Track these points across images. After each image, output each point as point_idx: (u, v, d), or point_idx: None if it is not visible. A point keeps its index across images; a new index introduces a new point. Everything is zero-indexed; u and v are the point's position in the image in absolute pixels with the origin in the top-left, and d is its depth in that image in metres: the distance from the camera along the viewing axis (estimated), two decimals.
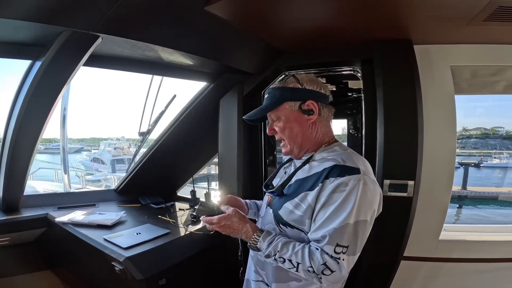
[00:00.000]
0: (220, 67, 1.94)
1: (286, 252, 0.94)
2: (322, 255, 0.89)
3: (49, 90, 1.53)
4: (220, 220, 1.06)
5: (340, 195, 0.90)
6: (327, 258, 0.89)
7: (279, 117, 1.08)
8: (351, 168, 0.94)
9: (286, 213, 1.02)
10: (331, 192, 0.92)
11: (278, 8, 1.33)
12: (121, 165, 17.02)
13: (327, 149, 1.06)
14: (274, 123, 1.11)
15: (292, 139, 1.08)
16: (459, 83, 1.76)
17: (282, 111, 1.07)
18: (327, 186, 0.93)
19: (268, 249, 0.97)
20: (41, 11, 1.09)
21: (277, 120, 1.09)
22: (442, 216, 1.85)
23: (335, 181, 0.92)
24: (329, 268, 0.88)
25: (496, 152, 15.42)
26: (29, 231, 1.98)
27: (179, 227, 1.97)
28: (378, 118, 1.65)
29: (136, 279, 1.45)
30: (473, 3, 1.22)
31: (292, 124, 1.07)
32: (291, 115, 1.07)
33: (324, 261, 0.88)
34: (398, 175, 1.61)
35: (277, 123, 1.09)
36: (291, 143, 1.08)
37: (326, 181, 0.94)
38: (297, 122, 1.06)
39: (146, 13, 1.22)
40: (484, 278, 1.95)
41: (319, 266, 0.89)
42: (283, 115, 1.07)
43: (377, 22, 1.46)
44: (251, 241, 1.01)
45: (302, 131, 1.07)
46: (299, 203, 0.99)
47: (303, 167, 1.07)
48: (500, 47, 1.65)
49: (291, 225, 1.01)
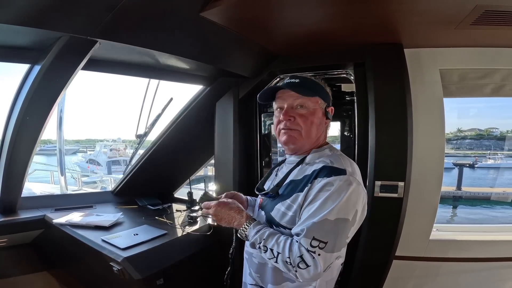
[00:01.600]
0: (216, 70, 1.97)
1: (270, 241, 0.96)
2: (299, 248, 0.91)
3: (47, 94, 1.55)
4: (217, 206, 1.09)
5: (325, 193, 0.94)
6: (304, 251, 0.90)
7: (308, 106, 1.07)
8: (338, 169, 0.98)
9: (278, 215, 1.04)
10: (318, 191, 0.95)
11: (273, 13, 1.37)
12: (117, 167, 16.91)
13: (318, 151, 1.10)
14: (296, 109, 1.08)
15: (308, 132, 1.08)
16: (448, 86, 1.79)
17: (314, 103, 1.08)
18: (315, 186, 0.97)
19: (255, 237, 0.99)
20: (40, 17, 1.12)
21: (302, 107, 1.07)
22: (432, 217, 1.89)
23: (322, 181, 0.96)
24: (304, 261, 0.89)
25: (491, 153, 15.55)
26: (26, 233, 2.00)
27: (176, 228, 1.99)
28: (369, 121, 1.69)
29: (134, 279, 1.47)
30: (460, 8, 1.26)
31: (315, 119, 1.08)
32: (319, 111, 1.09)
33: (301, 254, 0.90)
34: (388, 176, 1.64)
35: (301, 110, 1.07)
36: (306, 135, 1.08)
37: (314, 181, 0.98)
38: (319, 120, 1.10)
39: (143, 19, 1.25)
40: (476, 277, 1.98)
41: (296, 258, 0.90)
42: (313, 107, 1.08)
43: (369, 27, 1.50)
44: (241, 228, 1.03)
45: (317, 129, 1.10)
46: (290, 204, 1.02)
47: (296, 168, 1.10)
48: (487, 51, 1.70)
49: (284, 226, 1.02)
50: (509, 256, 1.92)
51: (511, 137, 15.10)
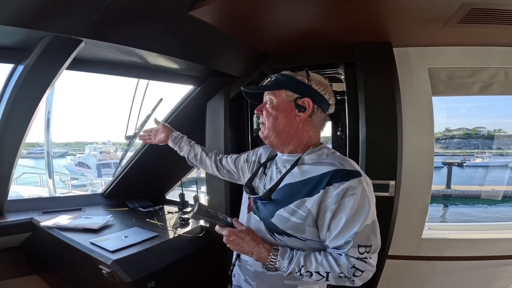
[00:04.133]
0: (206, 70, 1.96)
1: (311, 265, 0.92)
2: (348, 259, 0.90)
3: (31, 94, 1.51)
4: (231, 235, 1.01)
5: (351, 199, 0.90)
6: (354, 261, 0.89)
7: (272, 101, 1.05)
8: (352, 171, 0.94)
9: (282, 221, 0.98)
10: (341, 198, 0.90)
11: (263, 12, 1.36)
12: (107, 169, 16.75)
13: (315, 151, 1.04)
14: (265, 105, 1.07)
15: (272, 127, 1.04)
16: (436, 84, 1.81)
17: (276, 97, 1.04)
18: (333, 193, 0.91)
19: (291, 266, 0.93)
20: (23, 16, 1.08)
21: (269, 103, 1.06)
22: (424, 215, 1.90)
23: (340, 186, 0.91)
24: (359, 269, 0.89)
25: (479, 151, 15.82)
26: (13, 236, 1.96)
27: (167, 230, 1.97)
28: (360, 120, 1.70)
29: (124, 282, 1.45)
30: (447, 6, 1.27)
31: (278, 113, 1.03)
32: (283, 104, 1.03)
33: (352, 264, 0.89)
34: (380, 175, 1.64)
35: (267, 106, 1.06)
36: (270, 131, 1.05)
37: (329, 187, 0.92)
38: (284, 113, 1.03)
39: (130, 18, 1.23)
40: (468, 275, 2.00)
41: (349, 270, 0.89)
42: (276, 101, 1.04)
43: (359, 26, 1.51)
44: (267, 262, 0.96)
45: (285, 124, 1.03)
46: (295, 209, 0.96)
47: (292, 170, 1.03)
48: (474, 49, 1.72)
49: (288, 233, 0.97)
50: (501, 254, 1.95)
51: (498, 136, 15.42)
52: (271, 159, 1.18)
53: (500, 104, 10.94)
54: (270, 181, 1.10)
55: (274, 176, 1.09)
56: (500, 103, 10.99)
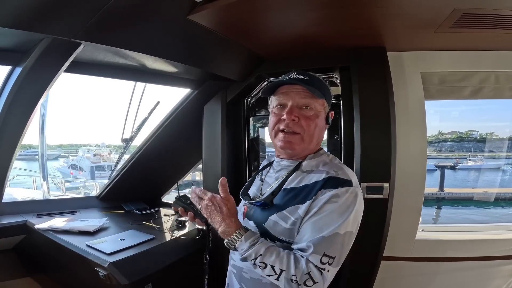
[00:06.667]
0: (203, 74, 1.97)
1: (270, 257, 0.86)
2: (307, 264, 0.84)
3: (29, 97, 1.50)
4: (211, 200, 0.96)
5: (332, 205, 0.88)
6: (312, 268, 0.84)
7: (315, 108, 0.99)
8: (344, 180, 0.92)
9: (274, 227, 0.95)
10: (324, 203, 0.89)
11: (260, 17, 1.39)
12: (101, 172, 16.53)
13: (314, 157, 1.03)
14: (301, 110, 0.98)
15: (311, 137, 0.99)
16: (428, 88, 1.84)
17: (320, 105, 1.00)
18: (320, 197, 0.90)
19: (249, 251, 0.88)
20: (22, 18, 1.09)
21: (308, 108, 0.98)
22: (417, 217, 1.93)
23: (328, 193, 0.89)
24: (312, 279, 0.83)
25: (471, 154, 15.98)
26: (7, 238, 1.94)
27: (164, 233, 1.97)
28: (355, 124, 1.72)
29: (121, 284, 1.44)
30: (439, 11, 1.30)
31: (318, 122, 1.00)
32: (323, 114, 1.02)
33: (309, 271, 0.83)
34: (374, 177, 1.67)
35: (307, 112, 0.98)
36: (308, 140, 0.99)
37: (319, 193, 0.90)
38: (321, 123, 1.02)
39: (129, 21, 1.24)
40: (462, 276, 2.02)
41: (303, 276, 0.83)
42: (318, 109, 0.99)
43: (354, 31, 1.53)
44: (230, 237, 0.91)
45: (319, 135, 1.03)
46: (287, 215, 0.93)
47: (291, 175, 1.01)
48: (466, 54, 1.76)
49: (281, 239, 0.94)
50: (494, 254, 1.98)
51: (490, 139, 15.62)
52: (266, 166, 1.17)
53: (492, 108, 11.07)
54: (268, 187, 1.08)
55: (271, 182, 1.08)
56: (492, 106, 11.14)
